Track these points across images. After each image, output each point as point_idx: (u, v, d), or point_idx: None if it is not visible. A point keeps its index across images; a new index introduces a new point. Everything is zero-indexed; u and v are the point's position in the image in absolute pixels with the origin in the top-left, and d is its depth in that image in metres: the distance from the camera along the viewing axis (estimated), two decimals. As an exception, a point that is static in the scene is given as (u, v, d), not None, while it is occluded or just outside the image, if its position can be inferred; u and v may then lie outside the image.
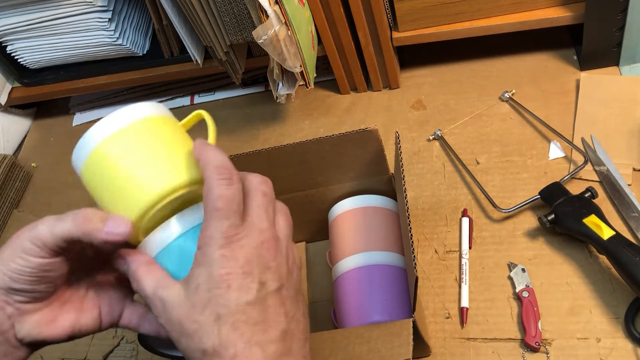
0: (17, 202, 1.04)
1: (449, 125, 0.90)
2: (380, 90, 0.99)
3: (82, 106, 1.15)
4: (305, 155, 0.68)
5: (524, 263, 0.73)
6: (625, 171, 0.77)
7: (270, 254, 0.43)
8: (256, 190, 0.45)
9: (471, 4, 0.86)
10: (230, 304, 0.41)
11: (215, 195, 0.42)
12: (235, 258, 0.42)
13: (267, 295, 0.42)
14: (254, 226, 0.43)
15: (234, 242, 0.42)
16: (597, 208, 0.71)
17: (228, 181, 0.43)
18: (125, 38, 0.96)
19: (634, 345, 0.65)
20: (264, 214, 0.44)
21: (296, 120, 0.99)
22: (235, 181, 0.43)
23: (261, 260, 0.43)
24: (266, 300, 0.42)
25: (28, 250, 0.43)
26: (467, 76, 0.96)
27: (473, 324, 0.71)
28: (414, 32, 0.90)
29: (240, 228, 0.43)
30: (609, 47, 0.86)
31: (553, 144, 0.84)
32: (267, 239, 0.44)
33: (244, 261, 0.42)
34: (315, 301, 0.78)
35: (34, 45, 0.98)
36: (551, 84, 0.90)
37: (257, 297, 0.42)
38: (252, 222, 0.44)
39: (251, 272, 0.42)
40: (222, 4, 0.82)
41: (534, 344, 0.67)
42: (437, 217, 0.81)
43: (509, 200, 0.80)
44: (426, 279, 0.76)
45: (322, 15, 0.86)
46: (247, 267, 0.42)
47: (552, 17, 0.85)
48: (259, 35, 0.75)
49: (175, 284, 0.43)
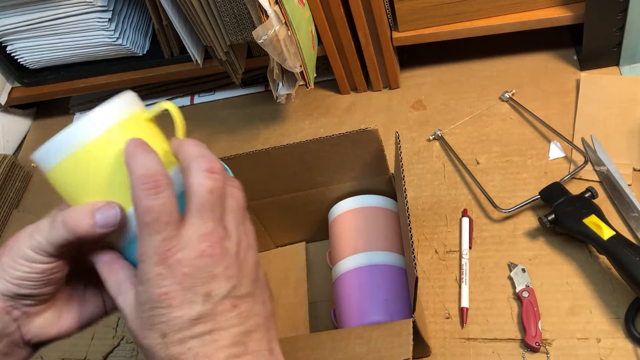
0: (17, 202, 1.04)
1: (449, 125, 0.90)
2: (380, 90, 0.99)
3: (82, 106, 1.15)
4: (305, 155, 0.68)
5: (524, 263, 0.73)
6: (625, 171, 0.77)
7: (214, 260, 0.41)
8: (199, 188, 0.41)
9: (471, 4, 0.86)
10: (174, 322, 0.40)
11: (141, 209, 0.40)
12: (173, 275, 0.40)
13: (214, 305, 0.40)
14: (193, 233, 0.41)
15: (169, 257, 0.40)
16: (597, 208, 0.71)
17: (154, 190, 0.40)
18: (125, 38, 0.96)
19: (634, 345, 0.65)
20: (207, 214, 0.41)
21: (296, 120, 0.99)
22: (164, 188, 0.40)
23: (203, 270, 0.40)
24: (214, 309, 0.40)
25: (31, 258, 0.43)
26: (467, 76, 0.96)
27: (473, 324, 0.71)
28: (414, 32, 0.90)
29: (175, 240, 0.40)
30: (609, 47, 0.86)
31: (553, 144, 0.84)
32: (210, 243, 0.41)
33: (182, 277, 0.40)
34: (315, 301, 0.78)
35: (34, 45, 0.98)
36: (551, 84, 0.90)
37: (202, 309, 0.40)
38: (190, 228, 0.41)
39: (193, 286, 0.40)
40: (222, 4, 0.82)
41: (534, 344, 0.67)
42: (437, 217, 0.81)
43: (509, 200, 0.80)
44: (426, 279, 0.76)
45: (322, 15, 0.86)
46: (186, 281, 0.40)
47: (552, 17, 0.85)
48: (259, 35, 0.75)
49: (130, 291, 0.42)
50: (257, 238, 0.84)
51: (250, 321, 0.42)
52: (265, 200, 0.75)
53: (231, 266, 0.42)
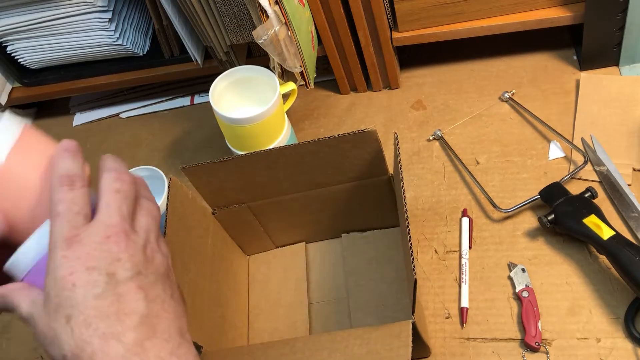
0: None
1: (449, 125, 0.90)
2: (380, 90, 0.99)
3: (82, 106, 1.15)
4: (304, 156, 0.68)
5: (524, 263, 0.73)
6: (625, 171, 0.77)
7: (119, 246, 0.43)
8: (107, 189, 0.45)
9: (471, 4, 0.86)
10: (77, 302, 0.41)
11: (55, 200, 0.44)
12: (77, 257, 0.42)
13: (117, 284, 0.42)
14: (99, 222, 0.44)
15: (75, 242, 0.42)
16: (597, 208, 0.71)
17: (69, 186, 0.44)
18: (126, 38, 0.96)
19: (634, 345, 0.65)
20: (113, 210, 0.44)
21: (296, 120, 0.99)
22: (79, 186, 0.44)
23: (108, 253, 0.42)
24: (117, 288, 0.42)
25: None
26: (467, 76, 0.96)
27: (473, 324, 0.71)
28: (414, 32, 0.90)
29: (82, 228, 0.43)
30: (609, 47, 0.86)
31: (553, 144, 0.84)
32: (114, 232, 0.43)
33: (86, 257, 0.42)
34: (315, 302, 0.78)
35: (34, 46, 0.98)
36: (551, 84, 0.90)
37: (105, 288, 0.41)
38: (97, 220, 0.44)
39: (96, 267, 0.42)
40: (222, 4, 0.82)
41: (534, 344, 0.67)
42: (437, 217, 0.81)
43: (509, 200, 0.80)
44: (426, 279, 0.76)
45: (322, 16, 0.86)
46: (90, 262, 0.42)
47: (552, 17, 0.85)
48: (259, 35, 0.75)
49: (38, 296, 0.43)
50: (257, 238, 0.85)
51: (157, 306, 0.43)
52: (265, 201, 0.75)
53: (137, 255, 0.44)
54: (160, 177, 0.86)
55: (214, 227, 0.76)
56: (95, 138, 1.09)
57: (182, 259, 0.66)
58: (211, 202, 0.75)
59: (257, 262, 0.84)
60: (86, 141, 1.09)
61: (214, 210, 0.75)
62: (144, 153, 1.03)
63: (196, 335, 0.63)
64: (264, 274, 0.83)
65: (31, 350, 0.86)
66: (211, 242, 0.74)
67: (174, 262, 0.63)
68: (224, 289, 0.75)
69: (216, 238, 0.75)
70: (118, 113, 1.12)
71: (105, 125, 1.11)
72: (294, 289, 0.80)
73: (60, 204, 0.44)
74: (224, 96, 0.85)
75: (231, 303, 0.76)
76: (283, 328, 0.77)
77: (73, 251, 0.42)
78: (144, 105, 1.11)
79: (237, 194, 0.73)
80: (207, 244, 0.73)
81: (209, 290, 0.70)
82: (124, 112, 1.11)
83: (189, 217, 0.69)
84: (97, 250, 0.42)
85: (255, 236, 0.81)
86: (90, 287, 0.41)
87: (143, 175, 0.89)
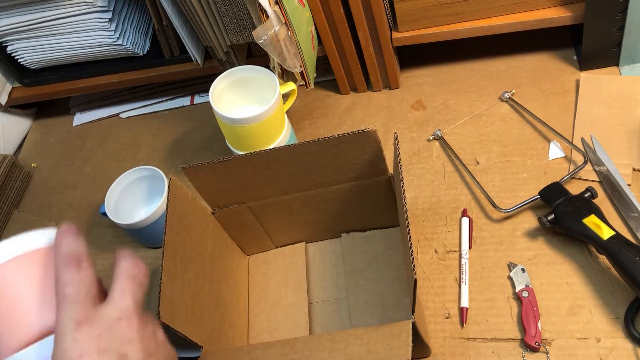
0: (17, 202, 1.04)
1: (449, 125, 0.90)
2: (380, 90, 0.99)
3: (82, 106, 1.15)
4: (304, 156, 0.68)
5: (523, 263, 0.73)
6: (625, 171, 0.77)
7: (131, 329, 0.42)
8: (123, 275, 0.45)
9: (471, 4, 0.86)
10: None
11: (62, 282, 0.42)
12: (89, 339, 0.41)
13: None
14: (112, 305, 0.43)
15: (85, 324, 0.41)
16: (597, 208, 0.71)
17: (76, 267, 0.43)
18: (126, 38, 0.96)
19: (634, 345, 0.65)
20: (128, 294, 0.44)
21: (296, 120, 0.99)
22: (86, 266, 0.43)
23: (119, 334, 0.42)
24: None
25: None
26: (467, 76, 0.96)
27: (473, 324, 0.71)
28: (414, 32, 0.90)
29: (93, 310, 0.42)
30: (609, 47, 0.86)
31: (553, 144, 0.84)
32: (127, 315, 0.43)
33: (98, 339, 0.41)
34: (315, 302, 0.78)
35: (34, 46, 0.98)
36: (551, 84, 0.90)
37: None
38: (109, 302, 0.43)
39: (108, 349, 0.41)
40: (222, 4, 0.82)
41: (533, 344, 0.67)
42: (437, 217, 0.81)
43: (509, 200, 0.80)
44: (426, 279, 0.76)
45: (322, 16, 0.86)
46: (102, 344, 0.41)
47: (552, 17, 0.85)
48: (259, 35, 0.75)
49: None
50: (257, 238, 0.85)
51: None
52: (265, 201, 0.75)
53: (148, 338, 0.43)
54: (160, 177, 0.86)
55: (214, 227, 0.76)
56: (95, 138, 1.09)
57: (182, 259, 0.66)
58: (211, 202, 0.75)
59: (257, 262, 0.84)
60: (86, 141, 1.10)
61: (214, 210, 0.75)
62: (144, 153, 1.03)
63: (196, 335, 0.63)
64: (264, 274, 0.83)
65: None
66: (211, 242, 0.74)
67: (174, 262, 0.64)
68: (224, 289, 0.75)
69: (216, 238, 0.76)
70: (118, 113, 1.12)
71: (105, 125, 1.11)
72: (294, 289, 0.80)
73: (68, 286, 0.42)
74: (224, 96, 0.85)
75: (231, 303, 0.76)
76: (283, 328, 0.77)
77: (84, 333, 0.41)
78: (144, 105, 1.11)
79: (237, 194, 0.73)
80: (207, 244, 0.73)
81: (209, 290, 0.70)
82: (124, 112, 1.11)
83: (189, 217, 0.69)
84: (108, 332, 0.41)
85: (255, 236, 0.81)
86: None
87: (143, 175, 0.89)
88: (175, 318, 0.60)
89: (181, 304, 0.63)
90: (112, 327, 0.42)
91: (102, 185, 0.91)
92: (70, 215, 0.99)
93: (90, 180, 1.03)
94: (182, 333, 0.60)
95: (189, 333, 0.61)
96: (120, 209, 0.87)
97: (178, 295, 0.63)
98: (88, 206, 0.99)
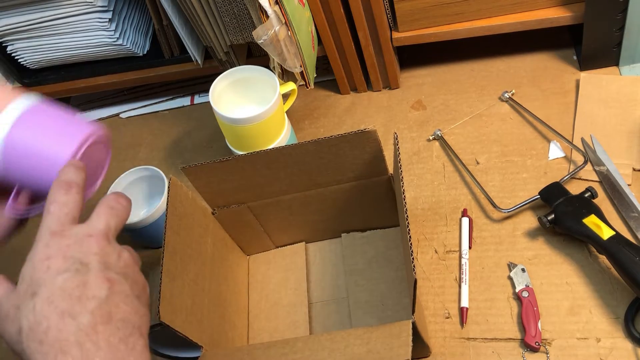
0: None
1: (449, 125, 0.90)
2: (380, 90, 0.99)
3: (82, 106, 1.15)
4: (304, 156, 0.68)
5: (524, 263, 0.73)
6: (625, 171, 0.77)
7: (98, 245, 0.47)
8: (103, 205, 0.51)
9: (471, 4, 0.86)
10: (46, 281, 0.44)
11: (49, 200, 0.48)
12: (57, 247, 0.46)
13: (88, 272, 0.45)
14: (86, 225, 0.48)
15: (58, 235, 0.47)
16: (597, 208, 0.72)
17: (65, 190, 0.49)
18: (126, 38, 0.96)
19: (634, 345, 0.65)
20: (102, 220, 0.49)
21: (296, 120, 0.99)
22: (74, 192, 0.49)
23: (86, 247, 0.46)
24: (87, 275, 0.45)
25: None
26: (467, 76, 0.96)
27: (473, 324, 0.71)
28: (414, 32, 0.90)
29: (69, 227, 0.48)
30: (609, 47, 0.86)
31: (553, 144, 0.84)
32: (96, 234, 0.48)
33: (65, 248, 0.46)
34: (315, 302, 0.78)
35: (34, 45, 0.98)
36: (551, 84, 0.90)
37: (75, 274, 0.45)
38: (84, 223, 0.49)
39: (72, 256, 0.45)
40: (222, 4, 0.82)
41: (533, 344, 0.67)
42: (437, 217, 0.81)
43: (509, 200, 0.80)
44: (426, 279, 0.76)
45: (322, 16, 0.86)
46: (68, 252, 0.46)
47: (552, 17, 0.85)
48: (259, 35, 0.75)
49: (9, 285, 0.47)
50: (257, 238, 0.85)
51: (119, 298, 0.46)
52: (265, 201, 0.75)
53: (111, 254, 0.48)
54: (160, 177, 0.86)
55: (214, 227, 0.76)
56: (95, 138, 1.09)
57: (182, 259, 0.66)
58: (211, 202, 0.75)
59: (257, 262, 0.84)
60: (86, 141, 1.09)
61: (214, 210, 0.75)
62: (144, 153, 1.03)
63: (196, 335, 0.63)
64: (264, 274, 0.83)
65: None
66: (211, 242, 0.74)
67: (174, 262, 0.64)
68: (224, 289, 0.75)
69: (216, 238, 0.76)
70: (118, 113, 1.12)
71: (105, 125, 1.11)
72: (294, 289, 0.80)
73: (53, 204, 0.48)
74: (224, 96, 0.85)
75: (231, 303, 0.76)
76: (283, 328, 0.77)
77: (55, 242, 0.46)
78: (144, 105, 1.11)
79: (237, 194, 0.73)
80: (207, 243, 0.73)
81: (209, 290, 0.70)
82: (124, 112, 1.11)
83: (189, 217, 0.69)
84: (77, 244, 0.46)
85: (255, 236, 0.81)
86: (62, 270, 0.44)
87: (143, 175, 0.89)
88: (175, 318, 0.60)
89: (181, 304, 0.63)
90: (82, 240, 0.47)
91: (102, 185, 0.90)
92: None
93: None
94: (182, 333, 0.60)
95: (189, 333, 0.61)
96: (120, 209, 0.87)
97: (178, 295, 0.63)
98: (88, 206, 0.99)
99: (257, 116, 0.79)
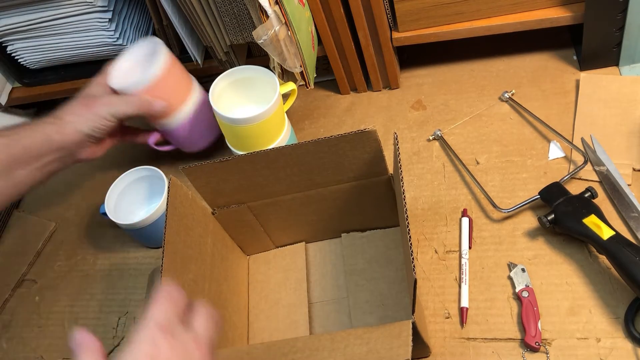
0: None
1: (449, 125, 0.90)
2: (380, 91, 0.99)
3: (83, 106, 1.15)
4: (304, 156, 0.68)
5: (524, 263, 0.73)
6: (625, 171, 0.77)
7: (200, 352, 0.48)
8: (205, 311, 0.52)
9: (471, 4, 0.86)
10: None
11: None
12: (166, 345, 0.47)
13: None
14: (193, 331, 0.49)
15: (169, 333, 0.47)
16: (597, 208, 0.71)
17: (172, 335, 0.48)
18: (126, 38, 0.96)
19: (634, 345, 0.65)
20: (206, 328, 0.50)
21: (296, 120, 0.99)
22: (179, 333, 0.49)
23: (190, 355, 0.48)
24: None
25: (108, 118, 0.79)
26: (467, 76, 0.96)
27: (473, 324, 0.71)
28: (414, 32, 0.90)
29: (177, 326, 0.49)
30: (609, 47, 0.86)
31: (553, 144, 0.84)
32: (203, 346, 0.49)
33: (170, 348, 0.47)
34: (315, 302, 0.78)
35: (34, 46, 0.98)
36: (551, 84, 0.90)
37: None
38: (191, 326, 0.50)
39: (177, 348, 0.47)
40: (222, 4, 0.82)
41: (533, 344, 0.67)
42: (437, 217, 0.81)
43: (509, 200, 0.80)
44: (426, 279, 0.76)
45: (322, 16, 0.86)
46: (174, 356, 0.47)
47: (552, 17, 0.85)
48: (259, 35, 0.75)
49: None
50: (257, 238, 0.85)
51: None
52: (265, 201, 0.75)
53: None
54: (160, 177, 0.86)
55: (214, 227, 0.76)
56: (95, 138, 1.09)
57: (182, 259, 0.66)
58: (211, 202, 0.75)
59: (257, 262, 0.84)
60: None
61: (214, 210, 0.76)
62: (144, 153, 1.03)
63: (196, 335, 0.63)
64: (264, 274, 0.83)
65: (31, 350, 0.86)
66: (211, 242, 0.74)
67: (174, 262, 0.64)
68: (224, 289, 0.75)
69: (216, 238, 0.76)
70: (118, 113, 1.11)
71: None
72: (294, 289, 0.80)
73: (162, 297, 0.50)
74: (224, 96, 0.85)
75: (231, 303, 0.76)
76: (283, 328, 0.77)
77: (163, 341, 0.47)
78: (144, 105, 1.10)
79: (237, 194, 0.73)
80: (207, 243, 0.73)
81: (209, 290, 0.70)
82: (124, 112, 1.11)
83: (189, 217, 0.69)
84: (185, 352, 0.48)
85: (255, 236, 0.81)
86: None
87: (143, 175, 0.89)
88: (175, 318, 0.60)
89: (181, 304, 0.63)
90: (188, 348, 0.48)
91: (102, 185, 0.91)
92: (70, 215, 0.99)
93: (90, 180, 1.03)
94: (182, 333, 0.60)
95: (189, 333, 0.61)
96: (120, 209, 0.87)
97: (178, 295, 0.63)
98: (88, 206, 0.99)
99: (257, 116, 0.79)
